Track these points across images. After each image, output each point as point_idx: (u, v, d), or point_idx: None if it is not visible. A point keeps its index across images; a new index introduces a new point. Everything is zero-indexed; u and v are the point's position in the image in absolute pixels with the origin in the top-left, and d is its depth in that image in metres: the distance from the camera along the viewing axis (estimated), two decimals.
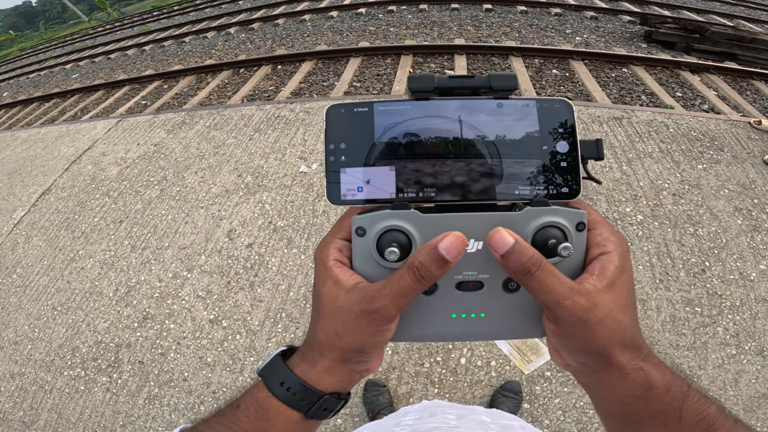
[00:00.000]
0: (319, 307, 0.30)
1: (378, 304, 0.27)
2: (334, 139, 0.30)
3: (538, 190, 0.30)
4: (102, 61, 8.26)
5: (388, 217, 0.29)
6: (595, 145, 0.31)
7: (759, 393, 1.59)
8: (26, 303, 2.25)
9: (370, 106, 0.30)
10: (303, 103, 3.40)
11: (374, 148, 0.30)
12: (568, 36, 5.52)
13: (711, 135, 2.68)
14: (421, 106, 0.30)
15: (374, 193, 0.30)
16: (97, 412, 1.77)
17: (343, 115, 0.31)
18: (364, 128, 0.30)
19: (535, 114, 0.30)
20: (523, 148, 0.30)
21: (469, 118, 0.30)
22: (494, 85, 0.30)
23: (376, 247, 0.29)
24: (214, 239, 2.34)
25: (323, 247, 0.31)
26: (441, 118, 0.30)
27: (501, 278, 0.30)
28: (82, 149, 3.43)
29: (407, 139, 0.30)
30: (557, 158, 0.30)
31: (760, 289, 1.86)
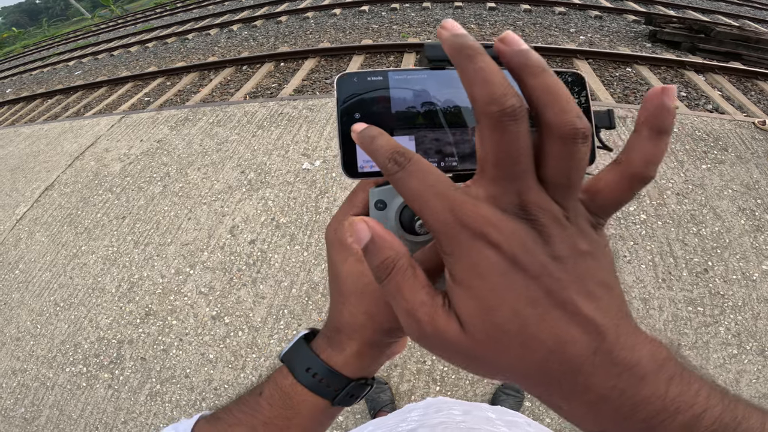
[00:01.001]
0: (342, 288, 0.28)
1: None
2: (347, 109, 0.28)
3: None
4: (105, 58, 8.27)
5: None
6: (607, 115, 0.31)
7: (760, 393, 1.59)
8: (28, 299, 2.26)
9: (385, 75, 0.29)
10: (306, 100, 3.40)
11: (392, 117, 0.28)
12: (572, 35, 5.50)
13: (715, 135, 2.67)
14: (438, 75, 0.29)
15: None
16: (98, 409, 1.77)
17: (356, 84, 0.29)
18: (380, 97, 0.29)
19: None
20: None
21: None
22: None
23: (398, 220, 0.27)
24: (217, 235, 2.34)
25: (336, 224, 0.29)
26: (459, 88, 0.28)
27: None
28: (85, 145, 3.44)
29: (426, 108, 0.28)
30: None
31: (762, 289, 1.86)
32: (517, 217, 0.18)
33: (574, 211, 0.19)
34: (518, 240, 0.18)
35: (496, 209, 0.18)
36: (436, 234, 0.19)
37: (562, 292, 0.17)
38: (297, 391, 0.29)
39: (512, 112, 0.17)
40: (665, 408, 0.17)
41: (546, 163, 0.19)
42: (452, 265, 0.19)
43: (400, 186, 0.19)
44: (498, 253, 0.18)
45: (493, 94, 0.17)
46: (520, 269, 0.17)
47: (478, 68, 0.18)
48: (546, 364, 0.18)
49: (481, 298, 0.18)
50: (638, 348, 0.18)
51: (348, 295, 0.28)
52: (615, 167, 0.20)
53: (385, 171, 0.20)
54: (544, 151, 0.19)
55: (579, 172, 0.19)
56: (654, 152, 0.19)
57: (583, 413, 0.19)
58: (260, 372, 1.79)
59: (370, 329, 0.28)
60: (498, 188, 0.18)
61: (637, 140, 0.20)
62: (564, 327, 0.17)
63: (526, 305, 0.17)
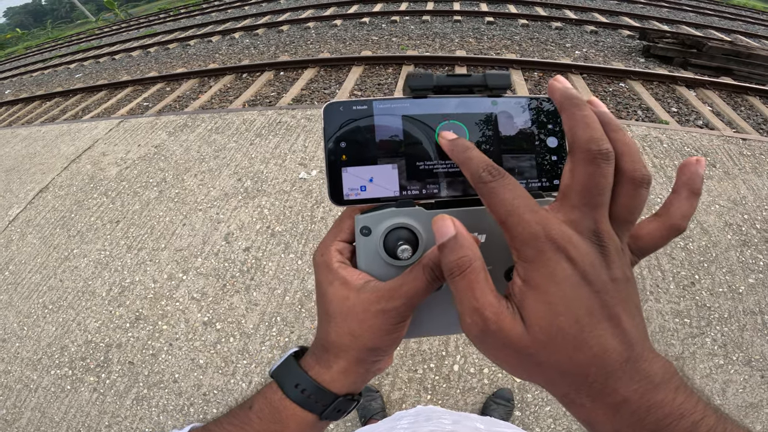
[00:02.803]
0: (328, 309, 0.30)
1: (395, 303, 0.27)
2: (333, 138, 0.30)
3: (533, 182, 0.31)
4: (106, 62, 8.32)
5: (394, 215, 0.29)
6: None
7: (746, 402, 1.61)
8: (17, 300, 2.25)
9: (369, 104, 0.30)
10: (305, 109, 3.43)
11: (375, 146, 0.30)
12: (567, 50, 5.60)
13: (704, 151, 2.72)
14: (419, 104, 0.30)
15: (378, 192, 0.30)
16: (82, 412, 1.75)
17: (341, 113, 0.30)
18: (364, 126, 0.30)
19: (528, 111, 0.31)
20: (517, 143, 0.31)
21: None
22: (490, 84, 0.31)
23: (383, 245, 0.29)
24: (212, 242, 2.35)
25: (323, 249, 0.31)
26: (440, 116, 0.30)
27: (503, 268, 0.30)
28: (82, 148, 3.45)
29: (408, 137, 0.30)
30: (548, 152, 0.31)
31: (748, 302, 1.89)
32: (590, 241, 0.22)
33: (625, 245, 0.24)
34: (590, 259, 0.22)
35: (574, 231, 0.22)
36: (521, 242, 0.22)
37: (613, 308, 0.21)
38: (286, 405, 0.31)
39: (606, 154, 0.22)
40: (672, 412, 0.20)
41: (616, 200, 0.23)
42: (530, 271, 0.22)
43: (492, 195, 0.23)
44: (573, 268, 0.21)
45: (593, 137, 0.22)
46: (587, 284, 0.21)
47: (584, 115, 0.23)
48: (588, 366, 0.21)
49: (552, 303, 0.21)
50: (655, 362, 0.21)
51: (334, 316, 0.29)
52: (656, 219, 0.26)
53: (477, 180, 0.24)
54: (616, 191, 0.23)
55: (640, 212, 0.24)
56: (689, 209, 0.25)
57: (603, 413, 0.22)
58: (251, 378, 1.79)
59: (354, 348, 0.29)
60: (579, 214, 0.22)
61: (676, 199, 0.25)
62: (609, 337, 0.21)
63: (585, 314, 0.21)
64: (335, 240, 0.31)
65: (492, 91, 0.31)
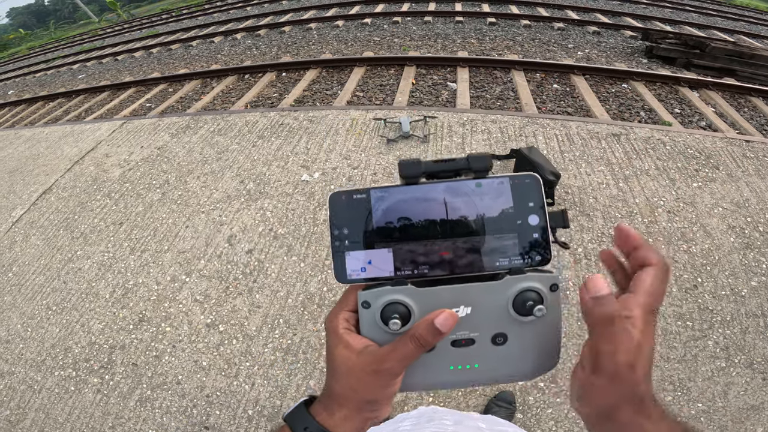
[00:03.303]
0: (334, 367, 0.35)
1: (387, 365, 0.33)
2: (338, 225, 0.35)
3: (515, 260, 0.34)
4: (109, 63, 8.35)
5: (388, 292, 0.34)
6: (561, 216, 0.36)
7: (747, 404, 1.61)
8: (20, 302, 2.26)
9: (367, 193, 0.35)
10: (307, 111, 3.44)
11: (373, 232, 0.35)
12: (570, 50, 5.59)
13: (707, 153, 2.71)
14: (411, 190, 0.35)
15: (375, 273, 0.35)
16: (86, 413, 1.76)
17: (344, 202, 0.35)
18: (363, 214, 0.35)
19: (509, 190, 0.35)
20: (500, 223, 0.34)
21: (453, 200, 0.35)
22: (473, 166, 0.35)
23: (380, 317, 0.34)
24: (214, 244, 2.35)
25: (332, 317, 0.36)
26: (429, 201, 0.35)
27: (489, 335, 0.35)
28: (85, 150, 3.47)
29: (401, 222, 0.35)
30: (530, 230, 0.34)
31: (750, 305, 1.88)
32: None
33: None
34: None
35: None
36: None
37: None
38: None
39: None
40: None
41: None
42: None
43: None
44: None
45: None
46: None
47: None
48: None
49: None
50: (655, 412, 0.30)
51: (338, 373, 0.35)
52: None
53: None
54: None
55: None
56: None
57: None
58: (253, 380, 1.79)
59: (354, 400, 0.35)
60: None
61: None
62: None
63: None
64: (342, 310, 0.36)
65: (476, 173, 0.35)
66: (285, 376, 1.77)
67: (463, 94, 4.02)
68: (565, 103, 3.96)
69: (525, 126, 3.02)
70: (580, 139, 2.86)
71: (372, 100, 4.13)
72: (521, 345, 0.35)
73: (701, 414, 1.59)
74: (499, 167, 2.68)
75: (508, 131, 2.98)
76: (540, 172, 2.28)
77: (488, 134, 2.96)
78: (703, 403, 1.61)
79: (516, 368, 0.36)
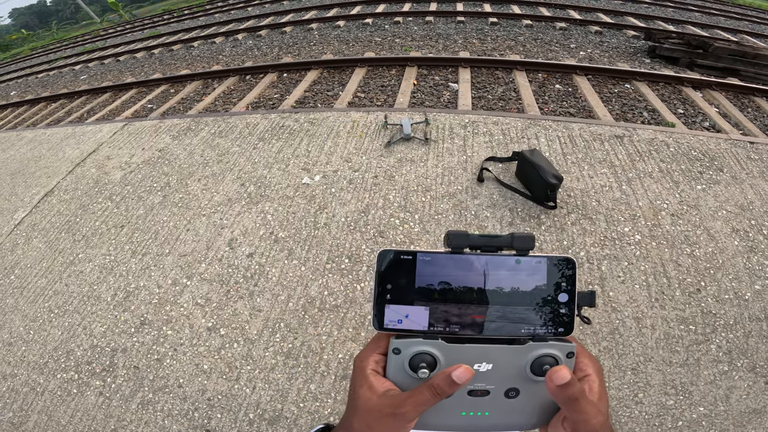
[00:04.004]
0: (355, 404, 0.38)
1: (403, 410, 0.36)
2: (383, 280, 0.38)
3: (540, 329, 0.38)
4: (111, 63, 8.37)
5: (420, 344, 0.37)
6: (589, 296, 0.40)
7: (750, 408, 1.60)
8: (23, 304, 2.27)
9: (414, 255, 0.38)
10: (308, 113, 3.43)
11: (414, 290, 0.38)
12: (572, 50, 5.57)
13: (711, 155, 2.70)
14: (454, 259, 0.38)
15: (411, 325, 0.39)
16: (88, 416, 1.77)
17: (392, 260, 0.38)
18: (408, 274, 0.38)
19: (545, 270, 0.38)
20: (532, 297, 0.38)
21: (492, 272, 0.38)
22: (516, 246, 0.38)
23: (409, 364, 0.37)
24: (215, 248, 2.35)
25: (363, 357, 0.40)
26: (470, 271, 0.38)
27: (503, 388, 0.38)
28: (87, 152, 3.47)
29: (441, 286, 0.38)
30: (558, 306, 0.38)
31: (754, 309, 1.87)
32: None
33: None
34: None
35: None
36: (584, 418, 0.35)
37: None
38: None
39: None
40: None
41: None
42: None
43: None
44: None
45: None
46: None
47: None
48: None
49: None
50: None
51: (358, 410, 0.38)
52: None
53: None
54: None
55: None
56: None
57: None
58: (254, 384, 1.79)
59: None
60: None
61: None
62: None
63: None
64: (374, 352, 0.40)
65: (518, 252, 0.38)
66: (286, 380, 1.77)
67: (464, 94, 4.01)
68: (568, 103, 3.95)
69: (527, 128, 3.00)
70: (583, 141, 2.84)
71: (373, 101, 4.11)
72: (531, 400, 0.39)
73: (703, 418, 1.58)
74: (500, 170, 2.67)
75: (510, 133, 2.97)
76: (542, 174, 2.27)
77: (490, 136, 2.95)
78: (704, 407, 1.60)
79: (521, 419, 0.40)
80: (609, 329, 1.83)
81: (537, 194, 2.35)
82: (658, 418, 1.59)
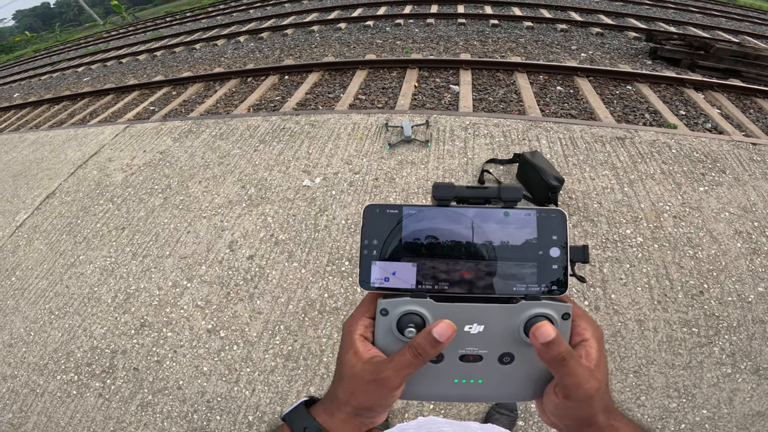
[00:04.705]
0: (341, 370, 0.37)
1: (384, 375, 0.34)
2: (368, 235, 0.37)
3: (532, 287, 0.36)
4: (113, 65, 8.40)
5: (407, 303, 0.35)
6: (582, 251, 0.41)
7: (753, 411, 1.59)
8: (23, 306, 2.27)
9: (400, 209, 0.37)
10: (308, 115, 3.44)
11: (401, 246, 0.36)
12: (573, 52, 5.56)
13: (713, 156, 2.68)
14: (442, 212, 0.37)
15: (398, 284, 0.37)
16: (87, 417, 1.76)
17: (377, 215, 0.37)
18: (394, 228, 0.37)
19: (535, 223, 0.37)
20: (522, 252, 0.36)
21: (480, 225, 0.37)
22: (503, 196, 0.37)
23: (396, 325, 0.35)
24: (216, 250, 2.35)
25: (352, 321, 0.38)
26: (457, 224, 0.37)
27: (497, 353, 0.36)
28: (88, 154, 3.48)
29: (428, 240, 0.37)
30: (550, 261, 0.36)
31: (757, 311, 1.86)
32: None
33: None
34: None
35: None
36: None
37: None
38: None
39: None
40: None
41: None
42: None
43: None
44: None
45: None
46: None
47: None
48: None
49: None
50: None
51: (343, 378, 0.36)
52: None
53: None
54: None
55: None
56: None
57: None
58: (254, 386, 1.79)
59: (353, 405, 0.36)
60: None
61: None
62: None
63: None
64: (363, 316, 0.38)
65: (505, 203, 0.37)
66: (285, 383, 1.77)
67: (465, 96, 4.01)
68: (569, 105, 3.94)
69: (528, 130, 3.00)
70: (584, 143, 2.84)
71: (374, 104, 4.12)
72: (526, 367, 0.37)
73: (706, 421, 1.57)
74: (501, 172, 2.66)
75: (511, 135, 2.96)
76: (543, 176, 2.26)
77: (491, 138, 2.94)
78: (708, 410, 1.59)
79: (517, 388, 0.38)
80: (611, 332, 1.82)
81: (538, 196, 2.34)
82: (660, 421, 1.58)
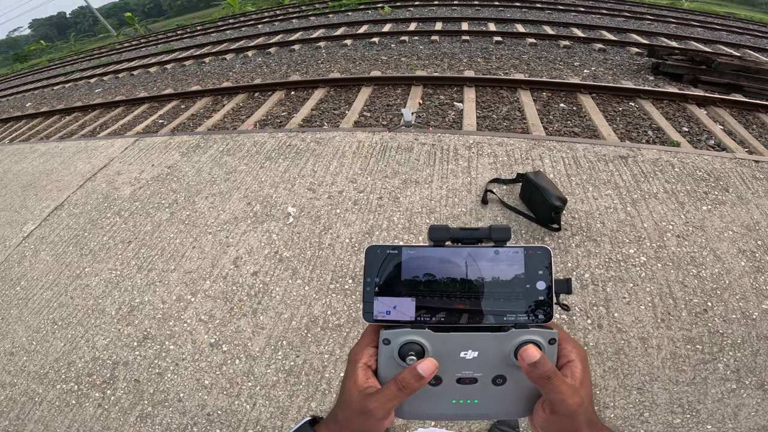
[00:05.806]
0: (341, 395, 0.41)
1: (371, 406, 0.37)
2: (370, 273, 0.41)
3: (521, 317, 0.40)
4: (125, 77, 8.59)
5: (408, 333, 0.39)
6: (565, 283, 0.42)
7: (758, 425, 1.56)
8: (27, 315, 2.29)
9: (400, 250, 0.41)
10: (314, 132, 3.49)
11: (401, 283, 0.40)
12: (576, 68, 5.62)
13: (716, 174, 2.69)
14: (438, 251, 0.41)
15: (398, 316, 0.41)
16: (85, 427, 1.75)
17: (378, 255, 0.41)
18: (394, 267, 0.41)
19: (523, 260, 0.41)
20: (511, 286, 0.40)
21: (473, 262, 0.40)
22: (494, 237, 0.41)
23: (398, 353, 0.39)
24: (220, 265, 2.37)
25: (358, 350, 0.42)
26: (452, 263, 0.40)
27: (491, 376, 0.40)
28: (98, 167, 3.55)
29: (426, 277, 0.40)
30: (537, 293, 0.40)
31: (762, 327, 1.85)
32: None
33: None
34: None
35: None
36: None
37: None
38: None
39: None
40: None
41: None
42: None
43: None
44: None
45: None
46: None
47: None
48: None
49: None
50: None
51: (343, 403, 0.40)
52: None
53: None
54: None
55: None
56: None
57: None
58: (255, 401, 1.78)
59: (350, 429, 0.39)
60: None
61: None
62: None
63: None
64: (367, 345, 0.42)
65: (496, 242, 0.41)
66: (287, 398, 1.76)
67: (469, 114, 4.06)
68: (572, 122, 3.97)
69: (531, 149, 3.02)
70: (587, 162, 2.85)
71: (379, 120, 4.17)
72: (517, 387, 0.40)
73: None
74: (505, 192, 2.68)
75: (514, 154, 2.99)
76: (546, 196, 2.27)
77: (494, 158, 2.97)
78: (712, 425, 1.57)
79: (510, 406, 0.41)
80: (614, 349, 1.81)
81: (541, 216, 2.35)
82: None
